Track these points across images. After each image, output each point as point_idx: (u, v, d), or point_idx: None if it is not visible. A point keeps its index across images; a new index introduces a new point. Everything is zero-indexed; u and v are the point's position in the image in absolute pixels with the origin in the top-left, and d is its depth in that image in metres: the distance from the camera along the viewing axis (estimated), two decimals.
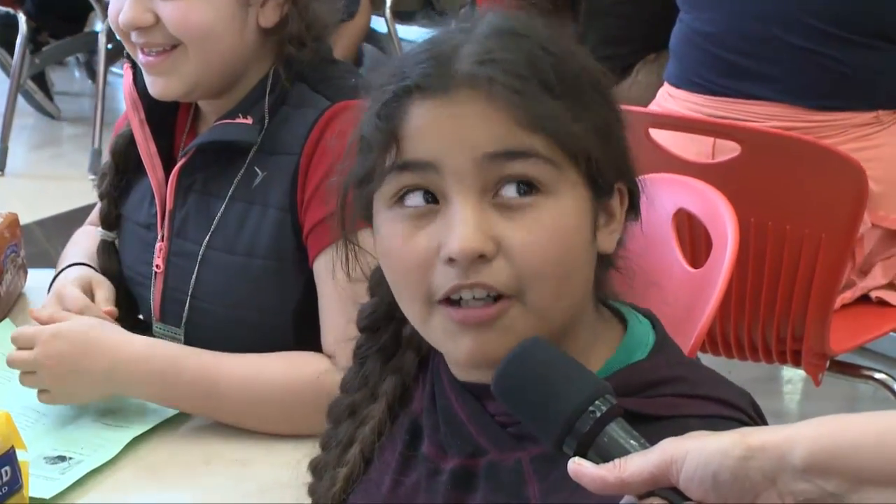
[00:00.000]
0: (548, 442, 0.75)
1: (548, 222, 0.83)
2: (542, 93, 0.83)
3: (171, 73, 1.33)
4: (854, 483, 0.66)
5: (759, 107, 1.90)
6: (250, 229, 1.33)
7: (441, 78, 0.83)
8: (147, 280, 1.41)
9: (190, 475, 1.23)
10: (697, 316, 1.25)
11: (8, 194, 3.80)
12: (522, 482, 0.86)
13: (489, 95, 0.82)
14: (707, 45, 1.97)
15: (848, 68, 1.86)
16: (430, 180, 0.84)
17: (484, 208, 0.83)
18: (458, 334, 0.85)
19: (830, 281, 1.78)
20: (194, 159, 1.36)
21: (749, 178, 1.72)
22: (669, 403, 0.84)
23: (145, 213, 1.42)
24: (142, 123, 1.39)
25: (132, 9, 1.30)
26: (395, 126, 0.84)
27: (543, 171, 0.83)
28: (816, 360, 1.89)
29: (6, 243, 1.54)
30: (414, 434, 0.95)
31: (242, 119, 1.33)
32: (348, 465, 0.96)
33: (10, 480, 1.12)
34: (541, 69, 0.84)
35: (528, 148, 0.82)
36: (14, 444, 1.13)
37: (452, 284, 0.83)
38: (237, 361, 1.29)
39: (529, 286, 0.83)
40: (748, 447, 0.68)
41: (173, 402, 1.30)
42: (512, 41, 0.85)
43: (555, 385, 0.76)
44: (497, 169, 0.82)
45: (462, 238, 0.81)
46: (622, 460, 0.72)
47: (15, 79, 3.98)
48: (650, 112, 1.98)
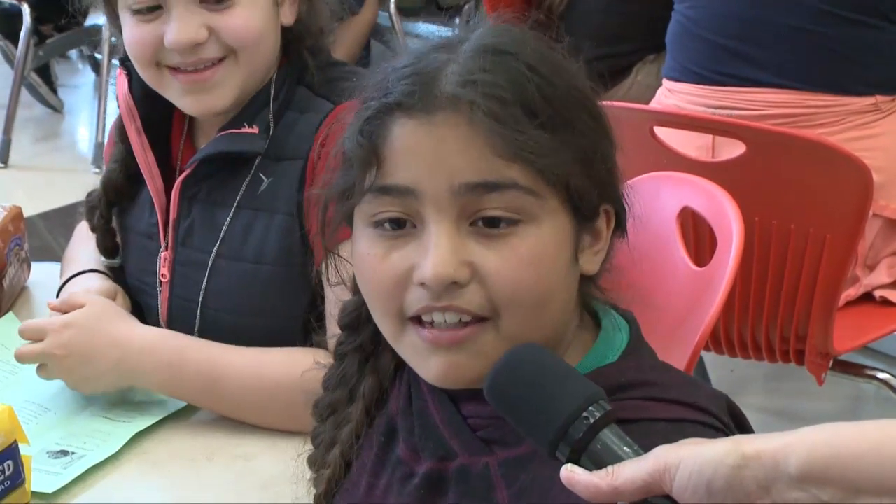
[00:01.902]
0: (541, 448, 0.75)
1: (524, 251, 0.82)
2: (524, 118, 0.82)
3: (221, 85, 1.32)
4: (850, 492, 0.66)
5: (758, 94, 1.90)
6: (258, 236, 1.33)
7: (424, 97, 0.82)
8: (152, 289, 1.41)
9: (193, 470, 1.23)
10: (701, 315, 1.25)
11: (11, 187, 3.80)
12: (491, 487, 0.86)
13: (470, 121, 0.81)
14: (701, 31, 1.96)
15: (842, 47, 1.86)
16: (408, 205, 0.83)
17: (461, 233, 0.82)
18: (428, 354, 0.85)
19: (834, 281, 1.78)
20: (197, 169, 1.36)
21: (754, 177, 1.72)
22: (636, 406, 0.82)
23: (146, 222, 1.42)
24: (139, 132, 1.38)
25: (186, 28, 1.28)
26: (376, 145, 0.84)
27: (522, 202, 0.82)
28: (819, 360, 1.89)
29: (10, 236, 1.54)
30: (389, 436, 0.95)
31: (248, 129, 1.32)
32: (330, 467, 0.97)
33: (12, 475, 1.12)
34: (525, 92, 0.82)
35: (507, 179, 0.81)
36: (17, 439, 1.13)
37: (424, 305, 0.83)
38: (242, 355, 1.30)
39: (504, 312, 0.83)
40: (743, 455, 0.68)
41: (179, 393, 1.31)
42: (498, 61, 0.83)
43: (548, 390, 0.75)
44: (475, 198, 0.82)
45: (435, 264, 0.81)
46: (615, 467, 0.71)
47: (19, 71, 3.98)
48: (655, 110, 1.97)
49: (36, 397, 1.33)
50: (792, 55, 1.88)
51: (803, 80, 1.88)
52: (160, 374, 1.29)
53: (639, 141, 1.77)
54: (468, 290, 0.82)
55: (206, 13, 1.29)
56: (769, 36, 1.89)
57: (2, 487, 1.12)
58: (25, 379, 1.38)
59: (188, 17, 1.28)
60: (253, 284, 1.34)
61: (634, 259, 0.95)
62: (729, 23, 1.93)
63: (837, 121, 1.88)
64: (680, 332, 1.26)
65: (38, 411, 1.31)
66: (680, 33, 2.03)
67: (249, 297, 1.34)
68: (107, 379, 1.30)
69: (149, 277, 1.42)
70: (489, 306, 0.83)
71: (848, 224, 1.73)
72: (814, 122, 1.88)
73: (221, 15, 1.29)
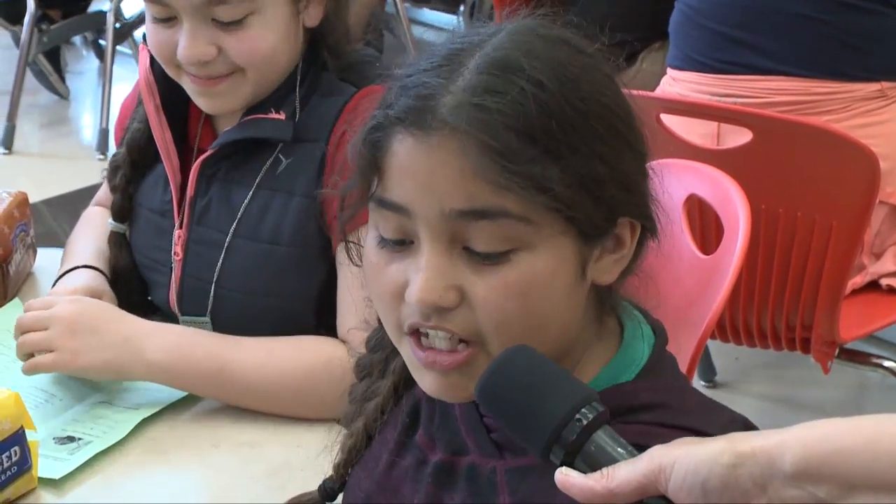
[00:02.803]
0: (535, 451, 0.75)
1: (514, 279, 0.81)
2: (520, 147, 0.79)
3: (229, 94, 1.33)
4: (845, 488, 0.65)
5: (763, 82, 1.90)
6: (274, 217, 1.33)
7: (421, 117, 0.81)
8: (163, 266, 1.41)
9: (199, 457, 1.23)
10: (708, 302, 1.25)
11: (16, 173, 3.80)
12: (495, 491, 0.86)
13: (462, 148, 0.79)
14: (704, 20, 1.96)
15: (845, 34, 1.86)
16: (404, 222, 0.83)
17: (452, 256, 0.82)
18: (424, 371, 0.85)
19: (841, 269, 1.78)
20: (218, 149, 1.36)
21: (760, 165, 1.72)
22: (642, 431, 0.80)
23: (159, 199, 1.42)
24: (157, 110, 1.38)
25: (194, 45, 1.28)
26: (377, 157, 0.84)
27: (514, 230, 0.81)
28: (825, 348, 1.89)
29: (15, 222, 1.54)
30: (413, 418, 0.96)
31: (275, 114, 1.33)
32: (352, 437, 0.98)
33: (19, 460, 1.13)
34: (526, 117, 0.79)
35: (497, 208, 0.80)
36: (24, 425, 1.13)
37: (414, 321, 0.84)
38: (250, 343, 1.30)
39: (491, 338, 0.82)
40: (737, 454, 0.67)
41: (184, 380, 1.28)
42: (503, 81, 0.80)
43: (541, 393, 0.75)
44: (465, 224, 0.81)
45: (421, 289, 0.81)
46: (610, 469, 0.71)
47: (23, 57, 3.97)
48: (661, 97, 1.97)
49: (42, 384, 1.32)
50: (795, 43, 1.88)
51: (807, 67, 1.87)
52: (168, 355, 1.27)
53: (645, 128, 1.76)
54: (458, 313, 0.82)
55: (217, 31, 1.29)
56: (771, 24, 1.89)
57: (9, 473, 1.12)
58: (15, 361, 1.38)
59: (198, 34, 1.28)
60: (267, 265, 1.33)
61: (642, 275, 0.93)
62: (731, 11, 1.93)
63: (843, 108, 1.87)
64: (686, 320, 1.26)
65: (45, 397, 1.31)
66: (682, 22, 2.03)
67: (263, 277, 1.34)
68: (110, 353, 1.26)
69: (159, 254, 1.41)
70: (475, 332, 0.82)
71: (854, 211, 1.73)
72: (819, 109, 1.87)
73: (232, 35, 1.29)
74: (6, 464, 1.11)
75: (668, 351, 0.91)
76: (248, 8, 1.28)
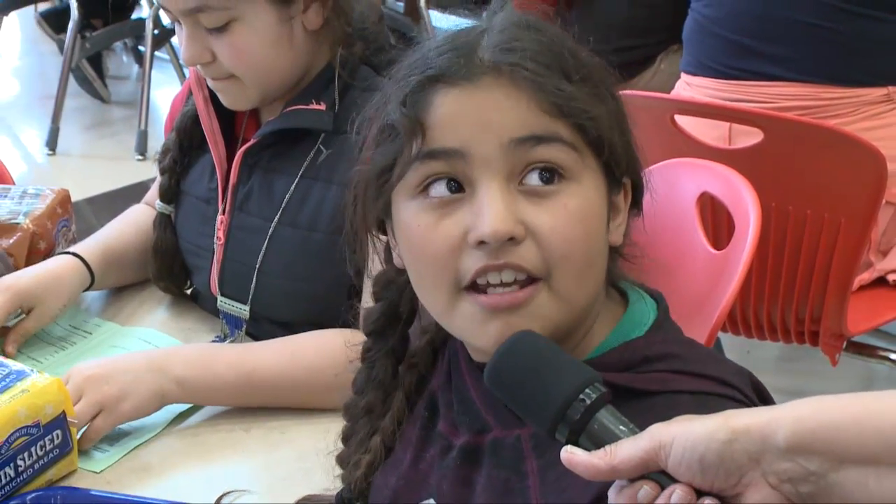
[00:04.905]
0: (541, 430, 0.75)
1: (572, 207, 0.82)
2: (562, 80, 0.83)
3: (236, 94, 1.35)
4: (835, 462, 0.66)
5: (774, 88, 1.89)
6: (312, 204, 1.34)
7: (465, 67, 0.82)
8: (205, 252, 1.43)
9: (231, 442, 1.24)
10: (719, 296, 1.25)
11: (59, 173, 3.83)
12: (521, 457, 0.86)
13: (513, 82, 0.82)
14: (717, 28, 1.95)
15: (853, 41, 1.84)
16: (457, 168, 0.82)
17: (511, 193, 0.82)
18: (487, 320, 0.83)
19: (849, 264, 1.77)
20: (261, 139, 1.37)
21: (771, 164, 1.71)
22: (660, 378, 0.83)
23: (205, 187, 1.44)
24: (206, 101, 1.40)
25: (191, 47, 1.31)
26: (420, 114, 0.83)
27: (567, 157, 0.82)
28: (834, 341, 1.88)
29: (58, 218, 1.55)
30: (432, 410, 0.96)
31: (316, 105, 1.33)
32: (370, 452, 0.97)
33: (61, 443, 1.14)
34: (560, 57, 0.84)
35: (553, 133, 0.82)
36: (65, 410, 1.14)
37: (481, 265, 0.81)
38: (271, 344, 1.30)
39: (556, 269, 0.82)
40: (732, 430, 0.68)
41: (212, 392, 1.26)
42: (530, 32, 0.85)
43: (546, 375, 0.76)
44: (523, 154, 0.82)
45: (493, 221, 0.80)
46: (612, 447, 0.71)
47: (66, 63, 4.00)
48: (677, 99, 1.97)
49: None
50: (804, 50, 1.87)
51: (816, 73, 1.86)
52: (192, 369, 1.25)
53: (660, 128, 1.76)
54: (523, 247, 0.81)
55: (208, 36, 1.30)
56: (781, 32, 1.88)
57: (52, 455, 1.13)
58: (75, 355, 1.39)
59: (193, 38, 1.30)
60: (305, 250, 1.34)
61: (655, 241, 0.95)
62: (743, 20, 1.92)
63: (851, 112, 1.86)
64: (698, 313, 1.25)
65: None
66: (696, 30, 2.02)
67: (302, 262, 1.34)
68: (148, 380, 1.23)
69: (203, 240, 1.43)
70: (543, 265, 0.82)
71: (862, 209, 1.72)
72: (828, 113, 1.86)
73: (220, 40, 1.30)
74: (49, 446, 1.13)
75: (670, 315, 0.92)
76: (229, 15, 1.28)
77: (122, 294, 1.55)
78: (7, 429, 1.08)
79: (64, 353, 1.41)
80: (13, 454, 1.09)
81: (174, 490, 1.14)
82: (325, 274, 1.33)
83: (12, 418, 1.09)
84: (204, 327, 1.47)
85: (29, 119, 4.34)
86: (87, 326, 1.46)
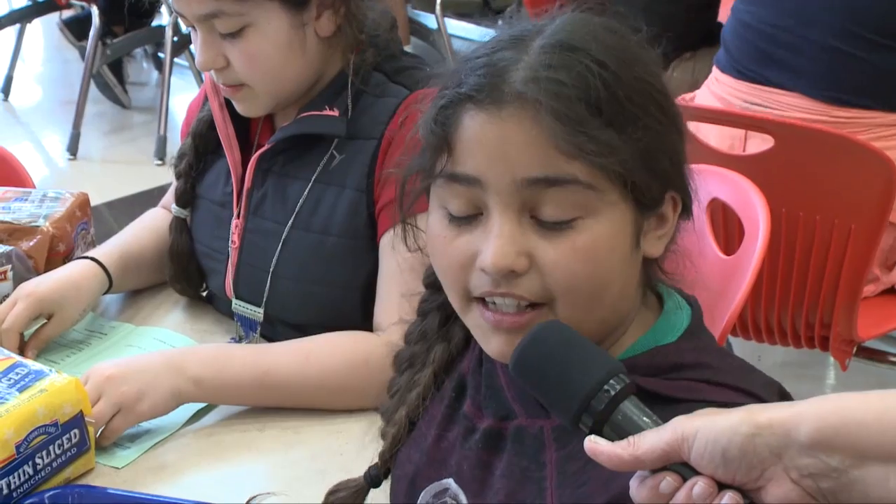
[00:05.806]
0: (565, 420, 0.76)
1: (581, 244, 0.82)
2: (587, 116, 0.81)
3: (249, 101, 1.36)
4: (856, 458, 0.66)
5: (787, 97, 1.88)
6: (326, 208, 1.34)
7: (493, 92, 0.82)
8: (220, 255, 1.43)
9: (245, 441, 1.24)
10: (729, 301, 1.25)
11: (79, 177, 3.85)
12: (542, 447, 0.87)
13: (535, 115, 0.81)
14: (749, 35, 1.95)
15: (874, 69, 1.83)
16: (475, 194, 0.84)
17: (521, 224, 0.83)
18: (490, 334, 0.86)
19: (859, 270, 1.76)
20: (275, 144, 1.37)
21: (781, 170, 1.71)
22: (688, 387, 0.83)
23: (220, 191, 1.44)
24: (221, 107, 1.41)
25: (205, 52, 1.31)
26: (448, 133, 0.84)
27: (582, 197, 0.82)
28: (844, 346, 1.87)
29: (77, 221, 1.56)
30: (459, 391, 0.97)
31: (329, 111, 1.34)
32: (395, 426, 0.99)
33: (78, 442, 1.15)
34: (591, 89, 0.81)
35: (567, 175, 0.81)
36: (83, 409, 1.15)
37: (486, 290, 0.84)
38: (286, 345, 1.30)
39: (559, 300, 0.84)
40: (756, 424, 0.68)
41: (228, 391, 1.26)
42: (567, 58, 0.82)
43: (571, 366, 0.76)
44: (536, 192, 0.82)
45: (495, 254, 0.82)
46: (636, 438, 0.72)
47: (87, 69, 4.02)
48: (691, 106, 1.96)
49: None
50: (824, 70, 1.86)
51: (832, 93, 1.85)
52: (208, 368, 1.24)
53: None
54: (526, 278, 0.83)
55: (223, 42, 1.30)
56: (808, 50, 1.87)
57: (70, 453, 1.14)
58: (91, 355, 1.40)
59: (208, 43, 1.31)
60: (318, 254, 1.34)
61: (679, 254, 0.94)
62: (774, 31, 1.92)
63: (863, 131, 1.85)
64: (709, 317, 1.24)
65: None
66: (732, 32, 2.02)
67: (315, 266, 1.35)
68: (165, 379, 1.22)
69: (218, 243, 1.44)
70: (545, 294, 0.83)
71: (872, 215, 1.71)
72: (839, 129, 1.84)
73: (234, 46, 1.30)
74: (67, 445, 1.13)
75: (703, 322, 0.92)
76: (243, 21, 1.28)
77: (138, 296, 1.55)
78: (26, 427, 1.09)
79: (80, 354, 1.41)
80: (31, 452, 1.10)
81: (190, 489, 1.15)
82: (338, 277, 1.34)
83: (31, 417, 1.09)
84: (219, 329, 1.47)
85: (51, 124, 4.36)
86: (103, 329, 1.47)
